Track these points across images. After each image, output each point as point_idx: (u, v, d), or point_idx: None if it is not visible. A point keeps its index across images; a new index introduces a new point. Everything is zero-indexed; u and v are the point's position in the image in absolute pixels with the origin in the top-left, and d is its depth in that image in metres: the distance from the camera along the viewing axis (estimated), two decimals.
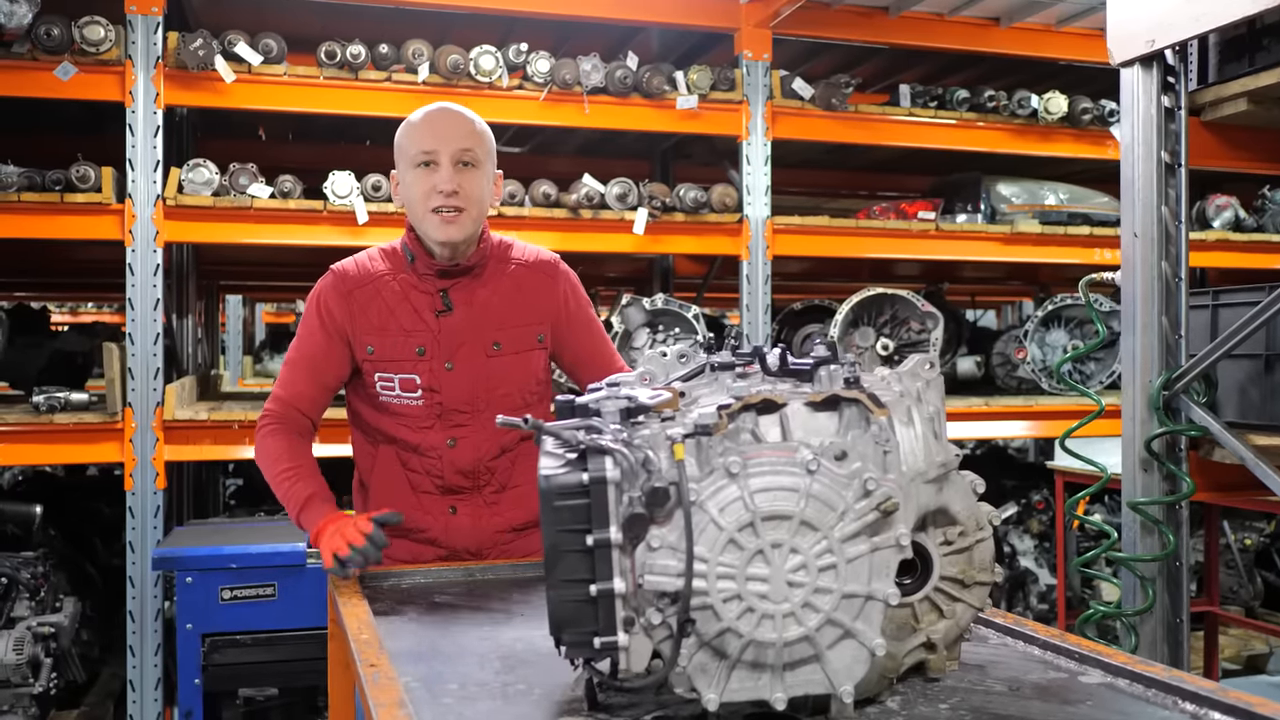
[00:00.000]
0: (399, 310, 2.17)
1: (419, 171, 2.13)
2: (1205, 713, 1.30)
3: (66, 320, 11.47)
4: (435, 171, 2.11)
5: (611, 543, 1.21)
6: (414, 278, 2.19)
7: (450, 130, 2.14)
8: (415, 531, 2.21)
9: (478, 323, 2.18)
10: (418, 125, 2.16)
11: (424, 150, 2.12)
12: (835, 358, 1.41)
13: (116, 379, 3.83)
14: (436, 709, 1.32)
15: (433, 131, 2.13)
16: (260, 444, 2.17)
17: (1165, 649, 2.80)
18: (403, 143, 2.17)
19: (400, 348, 2.16)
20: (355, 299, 2.18)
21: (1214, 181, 5.52)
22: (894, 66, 5.54)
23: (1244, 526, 5.68)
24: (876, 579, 1.25)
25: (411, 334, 2.16)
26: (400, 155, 2.17)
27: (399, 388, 2.16)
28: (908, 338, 4.65)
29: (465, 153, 2.12)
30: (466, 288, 2.19)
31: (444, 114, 2.17)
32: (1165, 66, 2.81)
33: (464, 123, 2.16)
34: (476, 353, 2.17)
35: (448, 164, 2.11)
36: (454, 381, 2.16)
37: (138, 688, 3.80)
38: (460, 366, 2.16)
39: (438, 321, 2.17)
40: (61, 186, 3.80)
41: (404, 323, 2.17)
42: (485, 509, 2.22)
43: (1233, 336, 2.63)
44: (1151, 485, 2.81)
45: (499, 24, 4.68)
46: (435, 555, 2.22)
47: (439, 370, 2.16)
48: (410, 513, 2.18)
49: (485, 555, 2.22)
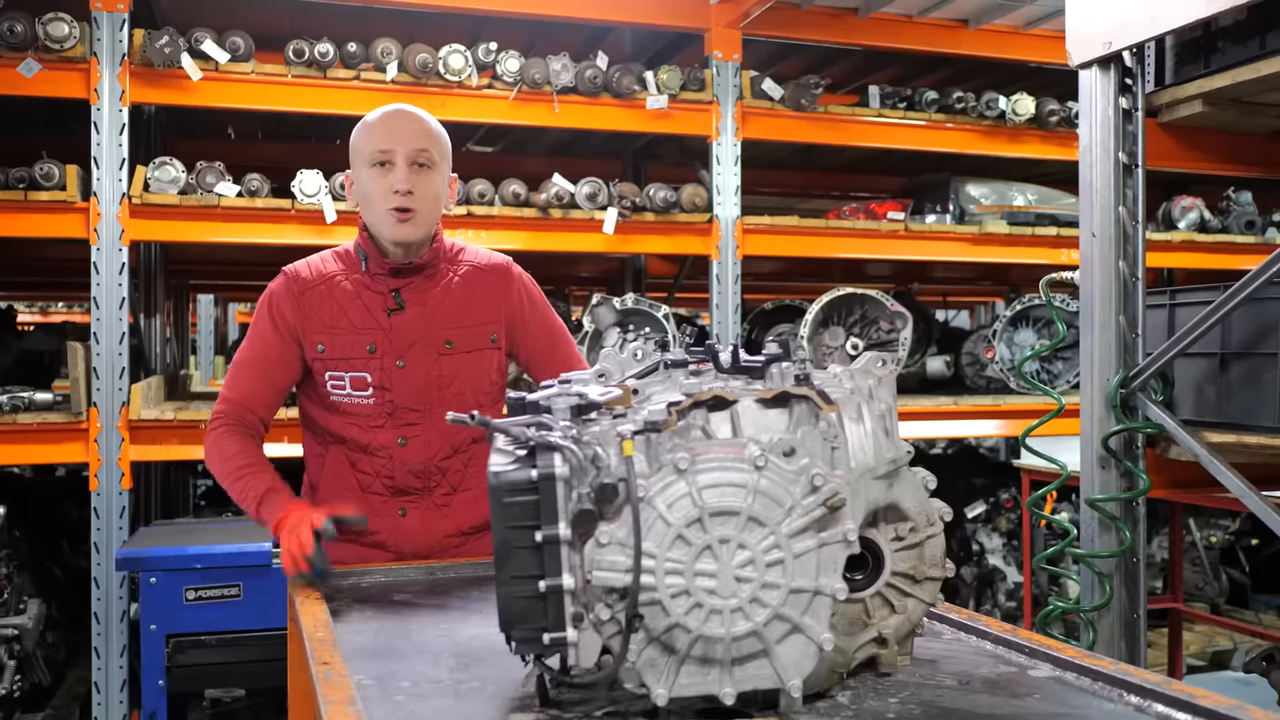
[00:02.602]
0: (351, 309, 2.17)
1: (374, 171, 2.13)
2: (1149, 704, 1.32)
3: (36, 320, 11.37)
4: (391, 171, 2.12)
5: (560, 539, 1.22)
6: (366, 278, 2.19)
7: (406, 131, 2.14)
8: (364, 534, 2.19)
9: (430, 321, 2.19)
10: (374, 125, 2.17)
11: (380, 150, 2.12)
12: (787, 355, 1.42)
13: (81, 378, 3.80)
14: (388, 706, 1.32)
15: (389, 132, 2.14)
16: (212, 445, 2.16)
17: (1123, 644, 2.84)
18: (358, 143, 2.17)
19: (351, 346, 2.16)
20: (307, 299, 2.18)
21: (1180, 183, 5.58)
22: (864, 68, 5.58)
23: (1209, 524, 5.75)
24: (824, 574, 1.26)
25: (363, 332, 2.16)
26: (355, 155, 2.17)
27: (350, 386, 2.16)
28: (877, 337, 4.68)
29: (420, 153, 2.13)
30: (419, 287, 2.20)
31: (400, 115, 2.18)
32: (1123, 68, 2.84)
33: (420, 124, 2.17)
34: (428, 351, 2.17)
35: (403, 164, 2.12)
36: (405, 379, 2.16)
37: (103, 690, 3.77)
38: (412, 365, 2.16)
39: (389, 320, 2.17)
40: (25, 184, 3.77)
41: (355, 321, 2.17)
42: (435, 511, 2.22)
43: (1188, 335, 2.67)
44: (1109, 482, 2.84)
45: (469, 23, 4.67)
46: (384, 559, 2.20)
47: (390, 368, 2.16)
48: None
49: (434, 559, 2.19)
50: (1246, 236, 5.36)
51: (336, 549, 2.14)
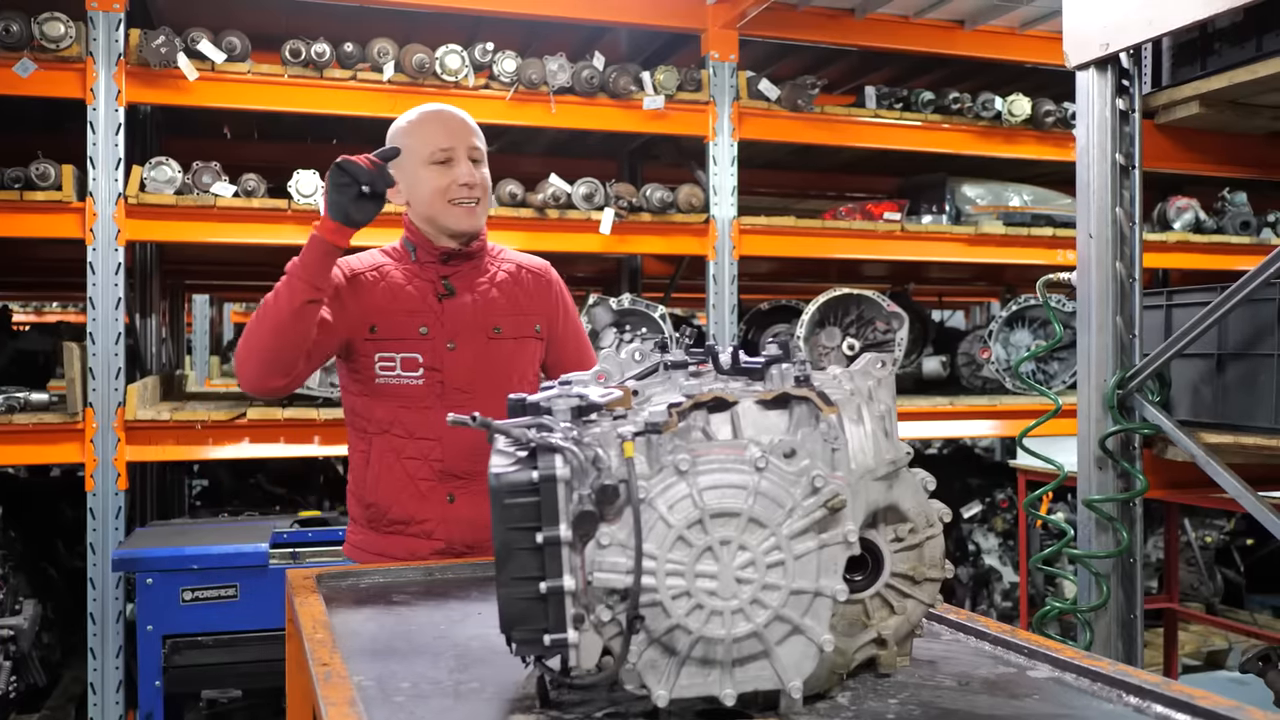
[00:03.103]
0: (401, 294, 2.23)
1: (434, 168, 2.21)
2: (1148, 705, 1.32)
3: (31, 320, 11.35)
4: (453, 167, 2.21)
5: (561, 540, 1.22)
6: (416, 267, 2.26)
7: (461, 129, 2.25)
8: (411, 524, 2.21)
9: (479, 307, 2.26)
10: (428, 125, 2.24)
11: (441, 148, 2.21)
12: (787, 356, 1.42)
13: (77, 379, 3.79)
14: (388, 708, 1.32)
15: (446, 130, 2.24)
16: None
17: (1119, 645, 2.84)
18: (413, 143, 2.22)
19: (403, 327, 2.21)
20: (359, 282, 2.23)
21: (1175, 184, 5.59)
22: (860, 68, 5.58)
23: (1204, 524, 5.77)
24: (824, 575, 1.26)
25: (415, 314, 2.22)
26: (410, 155, 2.20)
27: (400, 367, 2.20)
28: (873, 338, 4.69)
29: (475, 149, 2.25)
30: (466, 275, 2.27)
31: (451, 115, 2.27)
32: (1120, 70, 2.85)
33: (469, 122, 2.28)
34: (478, 334, 2.24)
35: (464, 158, 2.22)
36: (456, 361, 2.21)
37: (99, 691, 3.76)
38: (462, 347, 2.22)
39: (440, 304, 2.24)
40: (21, 184, 3.76)
41: (407, 304, 2.23)
42: (484, 498, 2.20)
43: (1185, 336, 2.67)
44: (1106, 483, 2.85)
45: (465, 23, 4.67)
46: (431, 550, 2.20)
47: (441, 350, 2.21)
48: (407, 503, 2.20)
49: (480, 556, 2.18)
50: (1242, 237, 5.37)
51: (382, 543, 2.23)
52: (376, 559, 2.22)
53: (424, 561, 2.14)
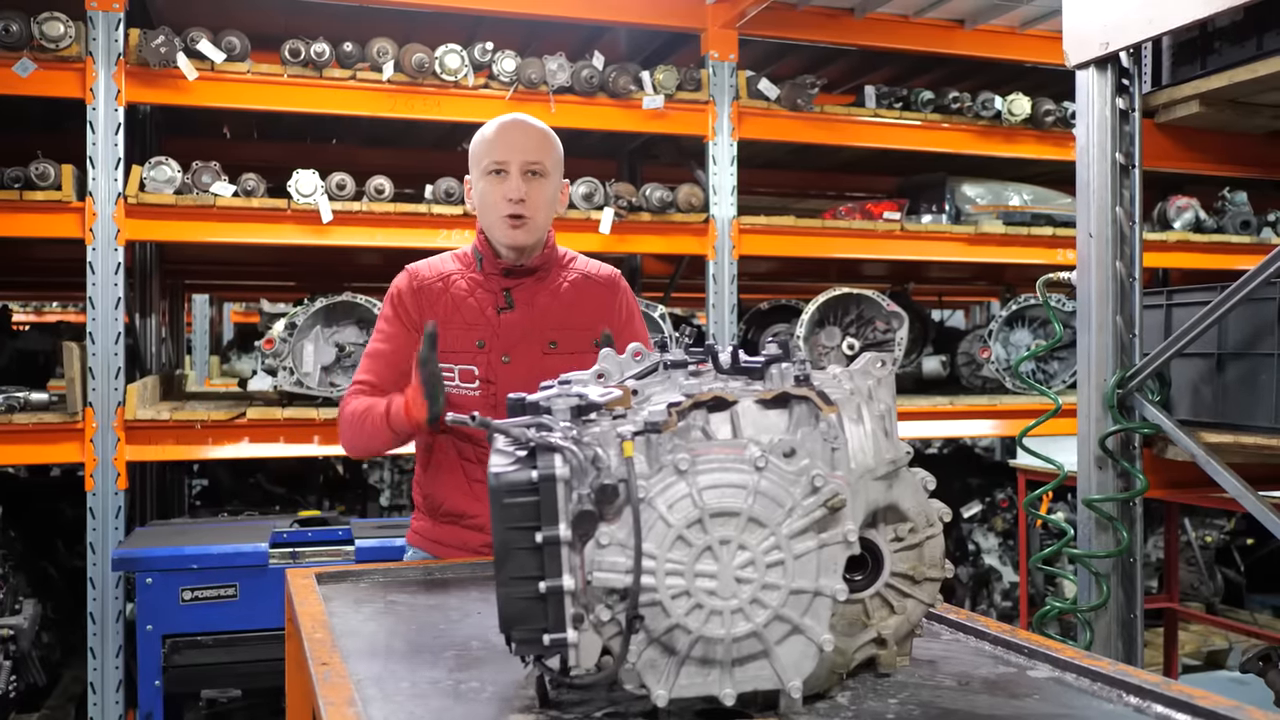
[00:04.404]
0: (463, 306, 2.29)
1: (490, 180, 2.26)
2: (1148, 705, 1.32)
3: (31, 320, 11.35)
4: (505, 180, 2.24)
5: (561, 540, 1.22)
6: (480, 277, 2.31)
7: (520, 142, 2.27)
8: (466, 517, 2.29)
9: (536, 321, 2.29)
10: (491, 137, 2.28)
11: (495, 160, 2.25)
12: (787, 355, 1.42)
13: (77, 378, 3.79)
14: (387, 707, 1.32)
15: (504, 142, 2.26)
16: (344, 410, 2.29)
17: (1119, 644, 2.84)
18: (477, 152, 2.29)
19: (461, 340, 2.26)
20: (424, 294, 2.30)
21: (1175, 183, 5.59)
22: (860, 68, 5.58)
23: (1204, 524, 5.77)
24: (824, 575, 1.26)
25: (473, 327, 2.27)
26: (474, 164, 2.30)
27: (458, 378, 2.25)
28: (873, 337, 4.69)
29: (533, 164, 2.25)
30: (529, 289, 2.31)
31: (516, 126, 2.30)
32: (1120, 69, 2.85)
33: (534, 134, 2.29)
34: (533, 349, 2.28)
35: (517, 173, 2.24)
36: (510, 375, 2.25)
37: (99, 690, 3.76)
38: (517, 361, 2.26)
39: (499, 318, 2.28)
40: (20, 184, 3.76)
41: (466, 317, 2.28)
42: None
43: (1185, 335, 2.67)
44: (1106, 483, 2.85)
45: (465, 23, 4.67)
46: (482, 542, 2.26)
47: (496, 363, 2.26)
48: (463, 499, 2.28)
49: None
50: (1242, 236, 5.37)
51: (439, 531, 2.33)
52: (433, 545, 2.33)
53: (475, 554, 2.23)
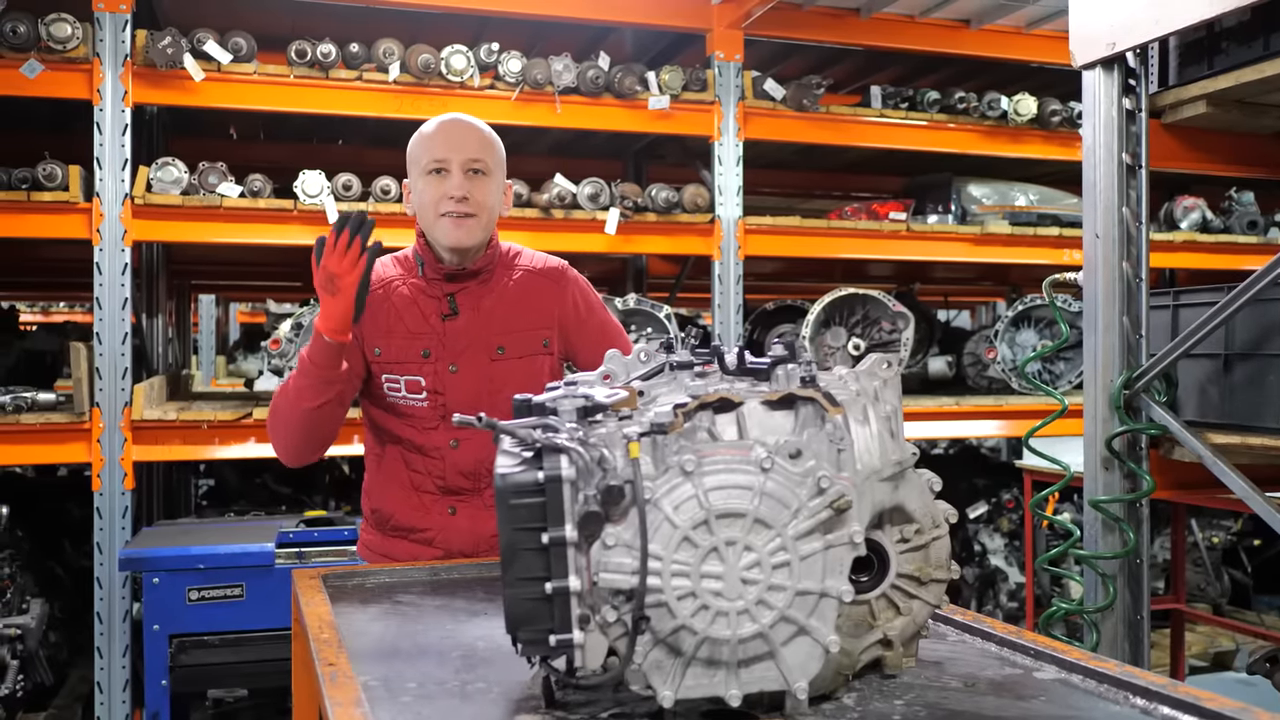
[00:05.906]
0: (406, 314, 2.22)
1: (431, 179, 2.19)
2: (1155, 707, 1.32)
3: (38, 320, 11.37)
4: (446, 179, 2.18)
5: (567, 541, 1.22)
6: (423, 283, 2.24)
7: (461, 139, 2.21)
8: (414, 531, 2.24)
9: (482, 327, 2.23)
10: (430, 135, 2.22)
11: (436, 159, 2.18)
12: (793, 356, 1.42)
13: (84, 379, 3.80)
14: (394, 708, 1.32)
15: (445, 140, 2.20)
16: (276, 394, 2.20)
17: (1126, 646, 2.83)
18: (415, 152, 2.23)
19: (406, 350, 2.21)
20: (367, 301, 2.20)
21: (1182, 184, 5.58)
22: (866, 68, 5.57)
23: (1211, 525, 5.75)
24: (830, 576, 1.26)
25: (417, 336, 2.21)
26: (413, 164, 2.23)
27: (405, 389, 2.21)
28: (879, 338, 4.68)
29: (475, 161, 2.19)
30: (473, 293, 2.24)
31: (456, 124, 2.23)
32: (1126, 69, 2.84)
33: (475, 133, 2.23)
34: (480, 356, 2.22)
35: (458, 171, 2.18)
36: (458, 384, 2.20)
37: (105, 690, 3.77)
38: (464, 369, 2.21)
39: (443, 325, 2.22)
40: (28, 185, 3.77)
41: (410, 325, 2.22)
42: (484, 511, 2.24)
43: (1192, 336, 2.66)
44: (1113, 483, 2.84)
45: (471, 23, 4.67)
46: (432, 556, 2.23)
47: (443, 372, 2.20)
48: (411, 513, 2.24)
49: (481, 558, 2.22)
50: (1249, 237, 5.35)
51: (388, 545, 2.26)
52: (382, 560, 2.26)
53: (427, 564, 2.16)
